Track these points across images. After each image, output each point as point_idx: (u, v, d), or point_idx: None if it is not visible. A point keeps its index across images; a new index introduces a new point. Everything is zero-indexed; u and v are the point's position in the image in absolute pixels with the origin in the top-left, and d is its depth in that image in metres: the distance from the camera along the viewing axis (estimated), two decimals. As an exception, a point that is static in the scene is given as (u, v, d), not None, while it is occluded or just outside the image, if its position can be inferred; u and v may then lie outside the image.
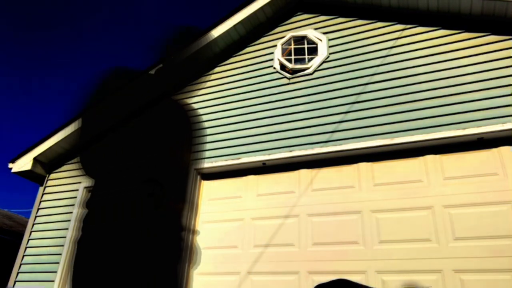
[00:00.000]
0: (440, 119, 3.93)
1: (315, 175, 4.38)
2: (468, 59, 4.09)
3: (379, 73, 4.44)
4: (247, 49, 5.49)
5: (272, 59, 5.19)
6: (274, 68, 5.10)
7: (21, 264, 5.50)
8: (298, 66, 4.91)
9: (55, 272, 5.15)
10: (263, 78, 5.12)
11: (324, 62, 4.83)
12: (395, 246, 3.72)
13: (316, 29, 5.11)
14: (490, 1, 4.03)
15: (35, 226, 5.72)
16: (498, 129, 3.65)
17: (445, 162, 3.88)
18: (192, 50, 5.46)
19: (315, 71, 4.82)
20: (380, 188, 4.02)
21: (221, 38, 5.44)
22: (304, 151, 4.38)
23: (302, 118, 4.60)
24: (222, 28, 5.39)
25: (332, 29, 5.00)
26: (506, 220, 3.43)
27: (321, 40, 4.96)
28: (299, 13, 5.37)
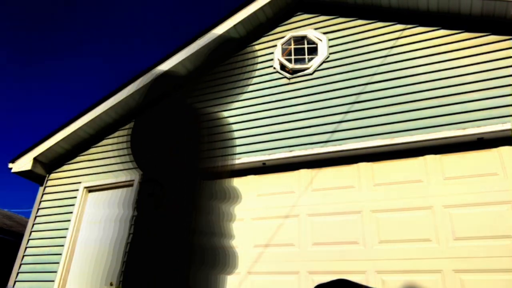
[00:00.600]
0: (440, 119, 3.93)
1: (315, 175, 4.38)
2: (468, 59, 4.09)
3: (379, 73, 4.44)
4: (247, 49, 5.49)
5: (272, 59, 5.19)
6: (274, 68, 5.10)
7: (21, 264, 5.50)
8: (298, 66, 4.91)
9: (55, 272, 5.15)
10: (263, 78, 5.12)
11: (324, 62, 4.83)
12: (395, 246, 3.72)
13: (316, 29, 5.11)
14: (490, 1, 4.03)
15: (35, 226, 5.72)
16: (498, 129, 3.64)
17: (445, 162, 3.88)
18: (194, 50, 5.46)
19: (315, 71, 4.82)
20: (380, 188, 4.02)
21: (221, 38, 5.44)
22: (304, 151, 4.38)
23: (302, 118, 4.60)
24: (222, 28, 5.39)
25: (332, 29, 5.00)
26: (506, 220, 3.43)
27: (321, 40, 4.96)
28: (299, 13, 5.37)
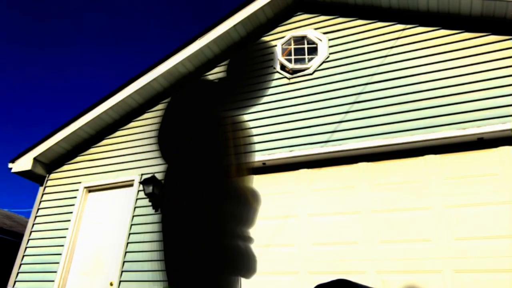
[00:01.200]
0: (440, 119, 3.93)
1: (315, 175, 4.38)
2: (468, 59, 4.09)
3: (379, 73, 4.44)
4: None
5: (272, 59, 5.18)
6: (274, 68, 5.10)
7: (21, 264, 5.50)
8: (298, 66, 4.91)
9: (55, 272, 5.15)
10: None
11: (324, 62, 4.83)
12: (395, 246, 3.72)
13: (316, 29, 5.11)
14: (490, 2, 4.03)
15: (35, 226, 5.72)
16: (498, 129, 3.64)
17: (445, 162, 3.88)
18: (195, 49, 5.46)
19: (315, 71, 4.82)
20: (380, 188, 4.02)
21: (221, 38, 5.45)
22: (304, 151, 4.38)
23: (302, 118, 4.60)
24: (222, 28, 5.39)
25: (332, 29, 5.00)
26: (506, 220, 3.43)
27: (321, 40, 4.96)
28: (299, 13, 5.36)
